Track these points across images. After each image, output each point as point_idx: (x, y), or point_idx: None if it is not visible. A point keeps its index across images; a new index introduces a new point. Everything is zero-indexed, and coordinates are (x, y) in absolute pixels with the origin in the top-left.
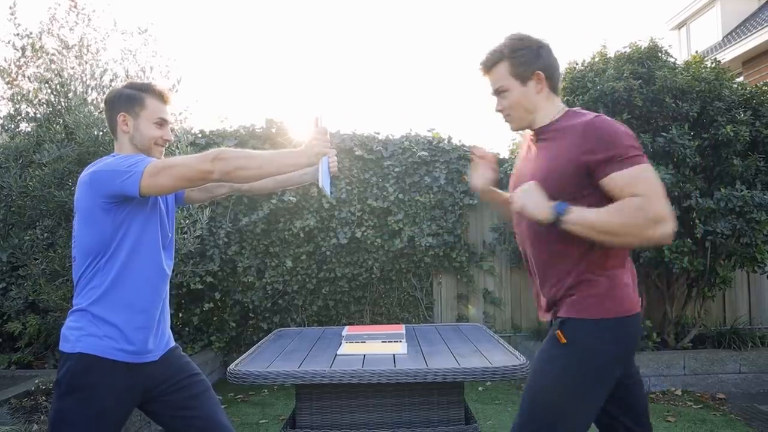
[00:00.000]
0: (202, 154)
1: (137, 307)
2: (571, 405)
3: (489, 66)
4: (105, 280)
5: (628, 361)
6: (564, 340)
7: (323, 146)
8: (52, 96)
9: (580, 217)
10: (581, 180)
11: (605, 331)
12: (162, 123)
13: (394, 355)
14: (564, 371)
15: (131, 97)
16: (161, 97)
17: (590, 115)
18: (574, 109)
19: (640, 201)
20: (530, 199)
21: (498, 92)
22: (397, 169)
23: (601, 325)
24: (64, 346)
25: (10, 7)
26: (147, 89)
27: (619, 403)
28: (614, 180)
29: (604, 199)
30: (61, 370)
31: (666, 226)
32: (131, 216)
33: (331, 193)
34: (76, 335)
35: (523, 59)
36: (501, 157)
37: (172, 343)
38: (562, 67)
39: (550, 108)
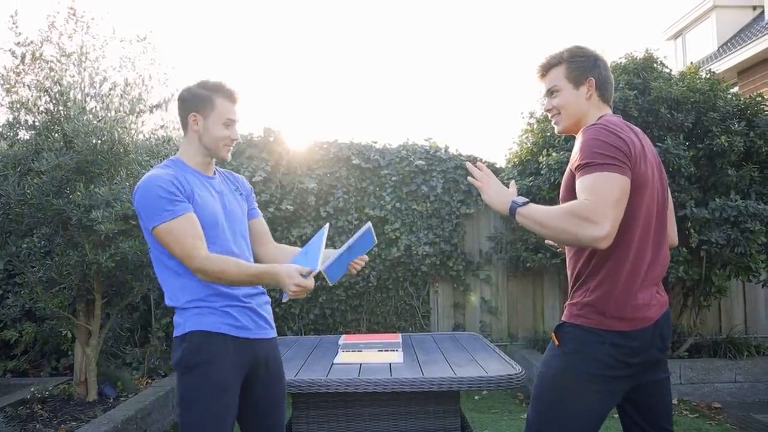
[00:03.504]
0: (190, 256)
1: (219, 290)
2: (561, 406)
3: (547, 68)
4: (181, 277)
5: (634, 372)
6: (557, 343)
7: (298, 291)
8: (51, 104)
9: (530, 212)
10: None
11: (591, 338)
12: (229, 123)
13: (390, 364)
14: (555, 372)
15: (203, 98)
16: (231, 97)
17: (598, 123)
18: (608, 116)
19: (580, 203)
20: (493, 191)
21: (550, 92)
22: (394, 178)
23: (589, 332)
24: (176, 333)
25: (11, 16)
26: (217, 89)
27: (636, 406)
28: (577, 185)
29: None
30: (176, 354)
31: (591, 229)
32: None
33: (330, 278)
34: (184, 317)
35: (580, 65)
36: (498, 166)
37: (273, 334)
38: None
39: (596, 115)
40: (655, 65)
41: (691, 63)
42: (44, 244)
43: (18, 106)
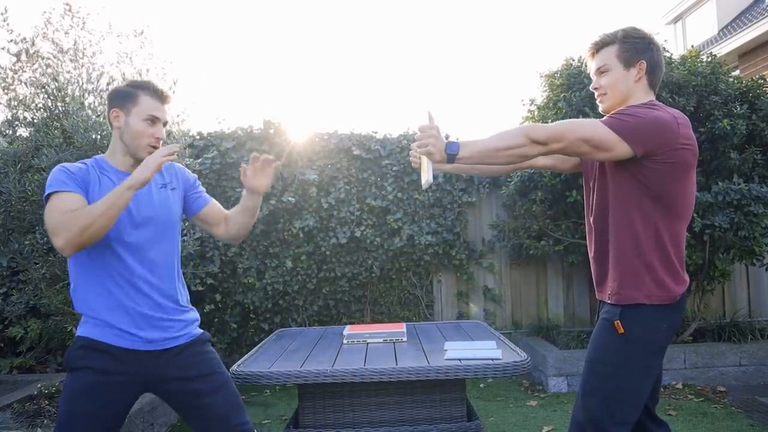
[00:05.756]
0: (52, 227)
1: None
2: (625, 392)
3: (600, 46)
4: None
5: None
6: (622, 330)
7: (157, 155)
8: (49, 101)
9: (469, 146)
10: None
11: (656, 317)
12: (153, 120)
13: (395, 353)
14: (620, 361)
15: (126, 94)
16: (156, 94)
17: (642, 105)
18: (655, 101)
19: (536, 125)
20: (431, 143)
21: (600, 71)
22: (395, 168)
23: (655, 310)
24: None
25: (2, 13)
26: (142, 86)
27: None
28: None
29: (661, 173)
30: None
31: (531, 130)
32: None
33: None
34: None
35: (633, 46)
36: None
37: (182, 341)
38: (558, 64)
39: (643, 99)
40: None
41: (692, 47)
42: (47, 241)
43: (16, 103)
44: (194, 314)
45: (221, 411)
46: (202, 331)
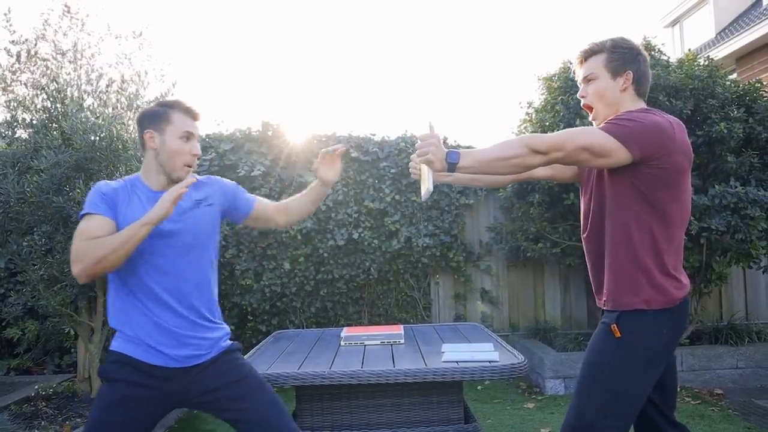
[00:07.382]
0: (72, 254)
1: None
2: (620, 397)
3: (588, 54)
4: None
5: (676, 345)
6: (619, 335)
7: (172, 191)
8: (48, 102)
9: (470, 155)
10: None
11: (655, 322)
12: (189, 137)
13: (393, 355)
14: (614, 365)
15: (158, 114)
16: (188, 112)
17: (638, 111)
18: (647, 108)
19: (536, 135)
20: (431, 151)
21: (587, 79)
22: (393, 171)
23: (654, 316)
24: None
25: (5, 14)
26: (173, 105)
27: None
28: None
29: (657, 178)
30: None
31: (532, 140)
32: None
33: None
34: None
35: (621, 56)
36: None
37: (210, 356)
38: (556, 67)
39: (632, 107)
40: (653, 53)
41: (689, 50)
42: (45, 242)
43: (15, 104)
44: (224, 330)
45: (258, 415)
46: (231, 342)
